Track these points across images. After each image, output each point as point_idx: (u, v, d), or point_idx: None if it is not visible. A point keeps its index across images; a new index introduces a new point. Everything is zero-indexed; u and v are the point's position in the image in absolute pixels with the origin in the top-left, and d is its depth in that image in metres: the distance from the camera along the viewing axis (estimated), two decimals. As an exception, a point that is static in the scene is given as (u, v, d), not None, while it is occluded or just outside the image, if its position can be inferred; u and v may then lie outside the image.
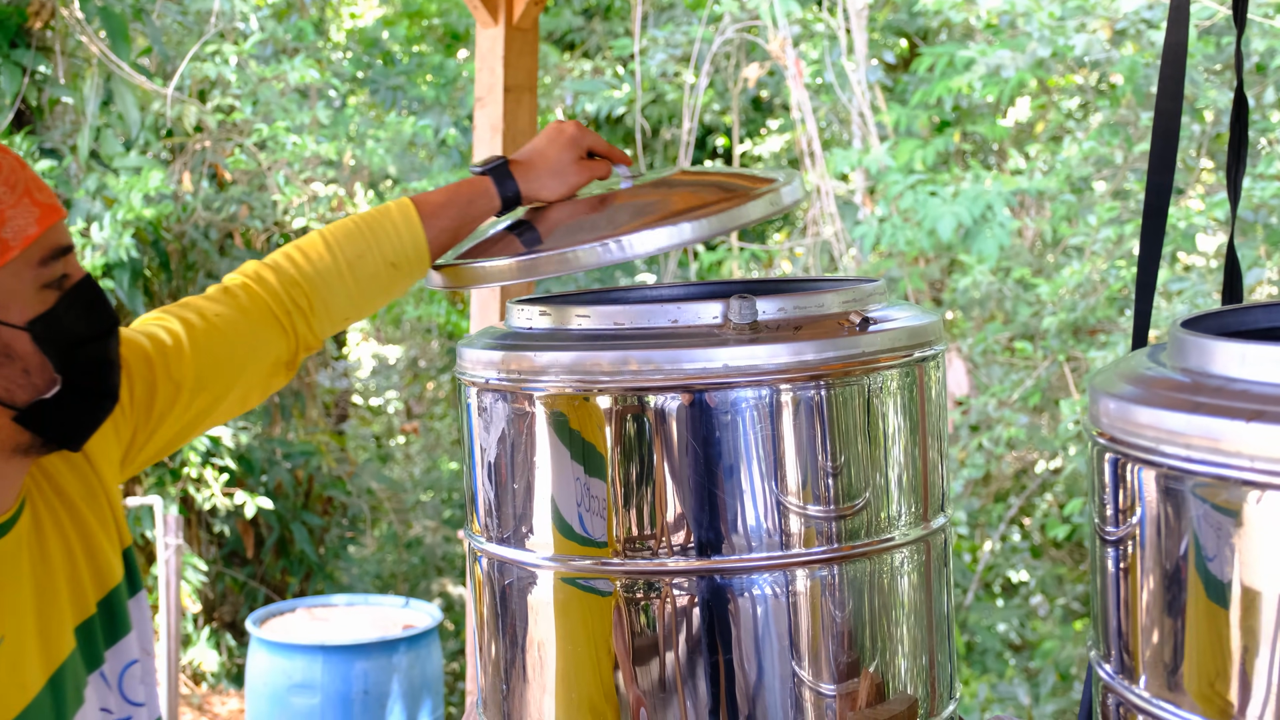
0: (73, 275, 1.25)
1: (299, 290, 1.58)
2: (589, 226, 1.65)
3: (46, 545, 1.33)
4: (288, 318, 1.57)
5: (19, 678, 1.27)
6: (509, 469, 1.66)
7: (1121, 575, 1.20)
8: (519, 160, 1.70)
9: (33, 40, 5.56)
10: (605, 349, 1.57)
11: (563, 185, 1.69)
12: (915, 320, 1.66)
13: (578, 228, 1.66)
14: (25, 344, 1.21)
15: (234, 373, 1.54)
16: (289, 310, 1.57)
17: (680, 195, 1.71)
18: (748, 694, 1.59)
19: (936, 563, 1.71)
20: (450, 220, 1.64)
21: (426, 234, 1.63)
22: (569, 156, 1.69)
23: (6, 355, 1.20)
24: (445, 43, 9.19)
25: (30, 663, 1.28)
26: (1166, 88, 2.02)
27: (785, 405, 1.56)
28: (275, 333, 1.57)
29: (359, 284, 1.61)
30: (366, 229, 1.62)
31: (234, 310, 1.54)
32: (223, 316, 1.53)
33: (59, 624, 1.33)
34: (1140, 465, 1.15)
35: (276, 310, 1.57)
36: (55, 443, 1.28)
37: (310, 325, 1.59)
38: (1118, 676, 1.21)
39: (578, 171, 1.70)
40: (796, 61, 6.47)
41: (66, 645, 1.33)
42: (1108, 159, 5.78)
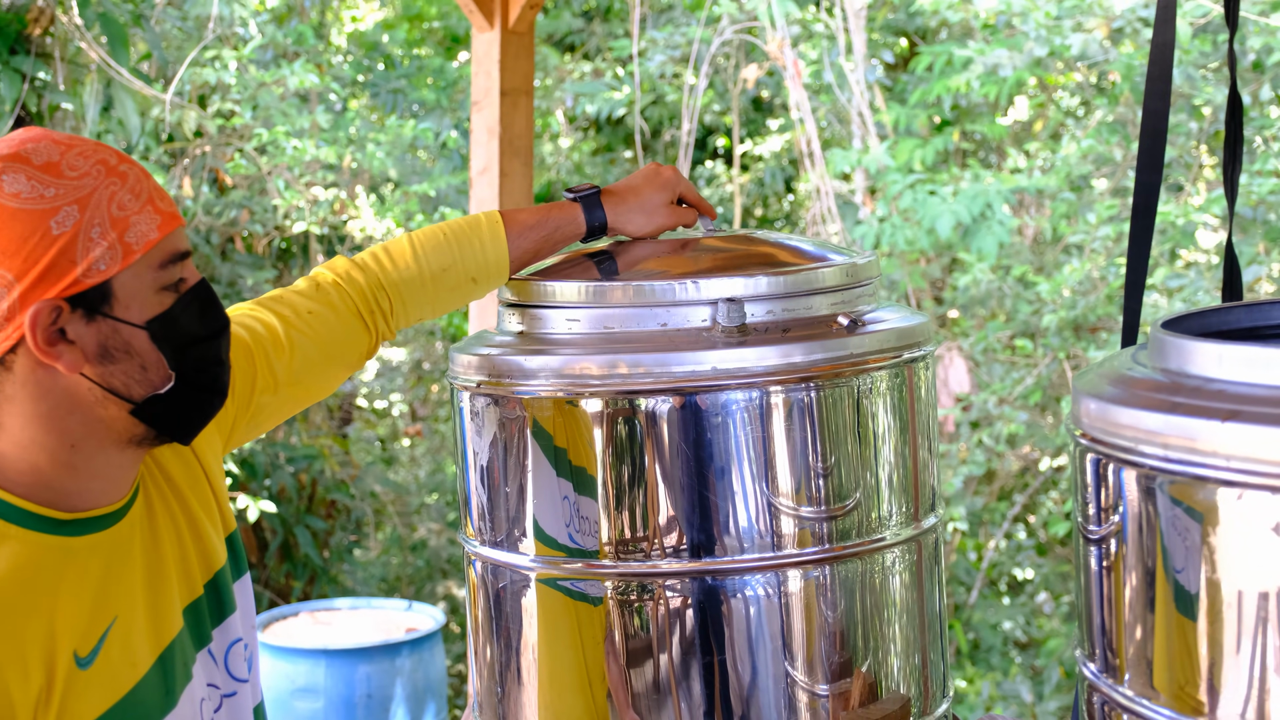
0: (189, 279, 1.33)
1: (383, 294, 1.66)
2: (666, 264, 1.66)
3: (158, 530, 1.41)
4: (371, 317, 1.66)
5: (130, 656, 1.34)
6: (501, 473, 1.67)
7: (1104, 574, 1.21)
8: (612, 191, 1.76)
9: (32, 46, 5.58)
10: (594, 353, 1.58)
11: (649, 223, 1.75)
12: (904, 321, 1.67)
13: (654, 263, 1.67)
14: (143, 342, 1.29)
15: (324, 365, 1.63)
16: (373, 310, 1.66)
17: (761, 250, 1.72)
18: (741, 695, 1.60)
19: (928, 562, 1.71)
20: (535, 241, 1.70)
21: (510, 252, 1.69)
22: (661, 198, 1.75)
23: (125, 352, 1.28)
24: (445, 46, 9.20)
25: (140, 642, 1.35)
26: (1154, 88, 2.04)
27: (775, 407, 1.57)
28: (360, 329, 1.66)
29: (439, 293, 1.69)
30: (455, 242, 1.69)
31: (325, 306, 1.63)
32: (315, 313, 1.62)
33: (168, 605, 1.40)
34: (1120, 465, 1.16)
35: (362, 309, 1.65)
36: (168, 435, 1.35)
37: (389, 325, 1.68)
38: (1102, 675, 1.22)
39: (666, 214, 1.76)
40: (795, 62, 6.47)
41: (175, 625, 1.41)
42: (1107, 157, 5.78)
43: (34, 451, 1.28)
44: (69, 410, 1.28)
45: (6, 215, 1.23)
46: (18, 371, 1.26)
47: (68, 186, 1.25)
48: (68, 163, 1.26)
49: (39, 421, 1.28)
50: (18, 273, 1.23)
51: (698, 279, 1.59)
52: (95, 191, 1.26)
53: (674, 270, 1.63)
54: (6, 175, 1.24)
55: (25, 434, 1.28)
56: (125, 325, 1.28)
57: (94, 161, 1.27)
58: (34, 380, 1.26)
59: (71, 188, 1.25)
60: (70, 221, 1.24)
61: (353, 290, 1.65)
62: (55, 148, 1.27)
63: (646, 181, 1.77)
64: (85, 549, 1.31)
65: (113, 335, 1.27)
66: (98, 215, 1.25)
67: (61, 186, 1.25)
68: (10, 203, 1.23)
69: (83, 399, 1.28)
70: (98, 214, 1.26)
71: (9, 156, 1.25)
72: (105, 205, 1.26)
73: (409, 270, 1.67)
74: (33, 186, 1.24)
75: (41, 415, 1.27)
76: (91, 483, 1.32)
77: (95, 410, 1.29)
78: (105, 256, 1.26)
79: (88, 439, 1.30)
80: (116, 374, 1.28)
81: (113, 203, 1.27)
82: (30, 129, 1.31)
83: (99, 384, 1.28)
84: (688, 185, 1.79)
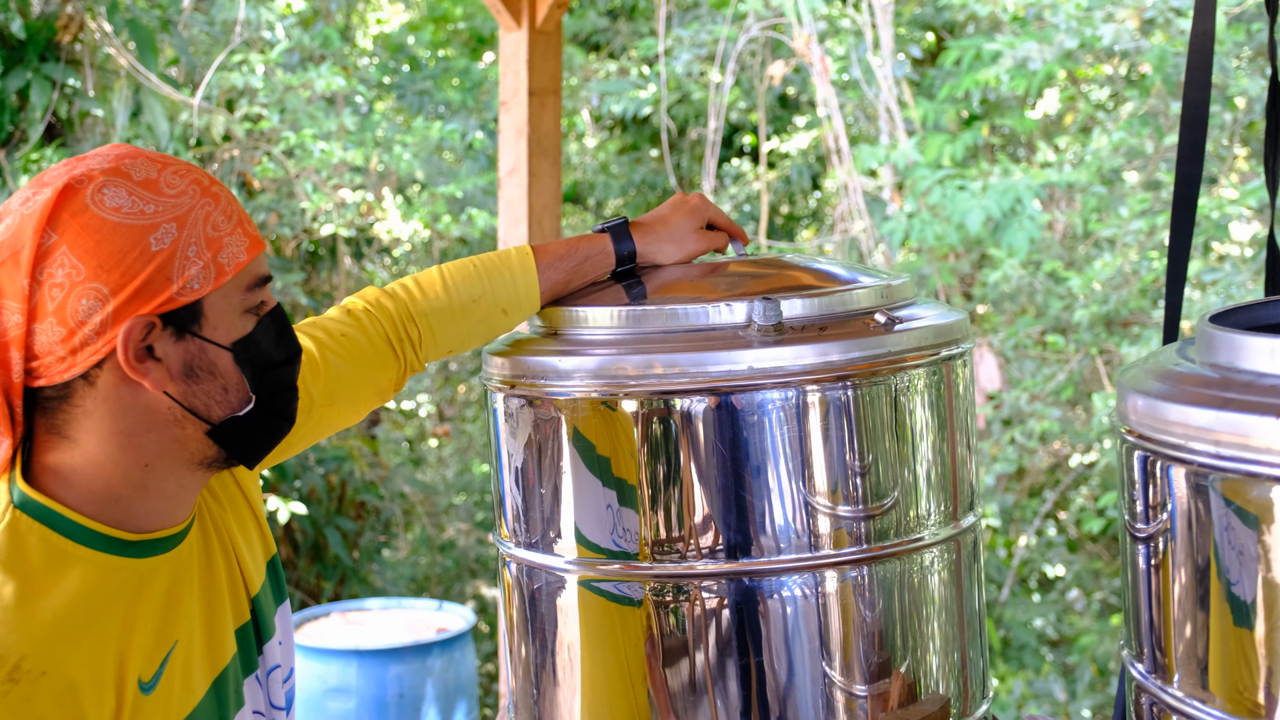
0: (268, 303, 1.34)
1: (412, 323, 1.67)
2: (699, 288, 1.65)
3: (211, 552, 1.41)
4: (400, 345, 1.66)
5: (188, 681, 1.34)
6: (536, 474, 1.66)
7: (1152, 573, 1.19)
8: (640, 222, 1.76)
9: (62, 54, 5.61)
10: (630, 353, 1.57)
11: (679, 251, 1.75)
12: (942, 318, 1.65)
13: (684, 288, 1.66)
14: (228, 363, 1.29)
15: (356, 387, 1.63)
16: (402, 339, 1.66)
17: (792, 273, 1.70)
18: (778, 695, 1.58)
19: (967, 560, 1.69)
20: (564, 273, 1.70)
21: (541, 283, 1.69)
22: (690, 224, 1.76)
23: (210, 372, 1.28)
24: (471, 46, 9.21)
25: (198, 666, 1.35)
26: (1194, 77, 2.01)
27: (812, 406, 1.55)
28: (389, 357, 1.66)
29: (470, 324, 1.69)
30: (485, 274, 1.69)
31: (357, 330, 1.64)
32: (348, 337, 1.62)
33: (223, 628, 1.40)
34: (1169, 462, 1.14)
35: (391, 336, 1.66)
36: (236, 459, 1.35)
37: (418, 354, 1.68)
38: (1150, 676, 1.20)
39: (696, 240, 1.76)
40: (822, 58, 6.45)
41: (229, 649, 1.41)
42: (1138, 150, 5.73)
43: (108, 469, 1.27)
44: (147, 429, 1.28)
45: (108, 229, 1.22)
46: (100, 387, 1.25)
47: (166, 204, 1.25)
48: (165, 180, 1.26)
49: (116, 439, 1.27)
50: (114, 287, 1.22)
51: (731, 303, 1.58)
52: (192, 210, 1.26)
53: (706, 297, 1.61)
54: (108, 189, 1.24)
55: (101, 451, 1.27)
56: (212, 345, 1.28)
57: (189, 180, 1.28)
58: (116, 396, 1.26)
59: (170, 205, 1.25)
60: (169, 239, 1.24)
61: (383, 317, 1.65)
62: (152, 165, 1.27)
63: (674, 210, 1.77)
64: (149, 571, 1.30)
65: (199, 355, 1.28)
66: (194, 234, 1.26)
67: (160, 203, 1.25)
68: (112, 217, 1.23)
69: (161, 417, 1.28)
70: (194, 233, 1.26)
71: (110, 171, 1.25)
72: (201, 225, 1.26)
73: (439, 300, 1.67)
74: (133, 202, 1.24)
75: (120, 432, 1.27)
76: (160, 503, 1.32)
77: (172, 430, 1.29)
78: (199, 276, 1.26)
79: (161, 458, 1.29)
80: (199, 394, 1.29)
81: (208, 223, 1.27)
82: (119, 145, 1.31)
83: (180, 403, 1.28)
84: (716, 210, 1.79)
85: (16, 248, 1.22)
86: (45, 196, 1.23)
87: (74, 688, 1.19)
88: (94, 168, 1.25)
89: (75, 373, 1.24)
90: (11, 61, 5.50)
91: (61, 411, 1.26)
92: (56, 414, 1.26)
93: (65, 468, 1.27)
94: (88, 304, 1.22)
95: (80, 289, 1.22)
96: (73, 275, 1.22)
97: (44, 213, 1.22)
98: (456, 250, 7.78)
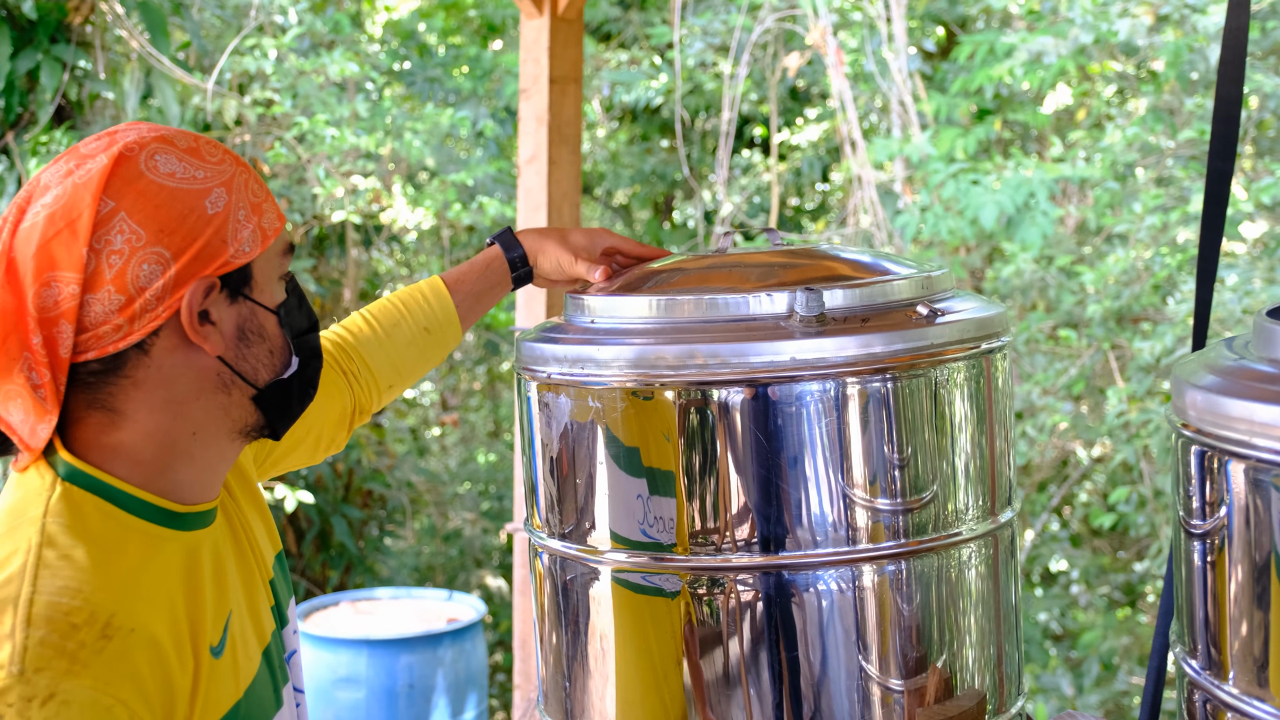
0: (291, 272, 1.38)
1: (345, 355, 1.74)
2: (734, 278, 1.63)
3: (237, 534, 1.43)
4: (345, 376, 1.74)
5: (247, 649, 1.36)
6: (571, 464, 1.65)
7: (1208, 569, 1.17)
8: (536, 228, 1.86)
9: (73, 35, 5.58)
10: (670, 343, 1.55)
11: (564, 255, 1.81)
12: (983, 311, 1.64)
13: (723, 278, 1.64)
14: (274, 326, 1.32)
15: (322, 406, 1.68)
16: (344, 371, 1.74)
17: (827, 263, 1.69)
18: (814, 689, 1.57)
19: (1004, 556, 1.68)
20: (471, 284, 1.81)
21: (453, 299, 1.79)
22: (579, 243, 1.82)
23: (259, 335, 1.31)
24: (481, 34, 9.18)
25: (250, 637, 1.37)
26: (1227, 73, 1.99)
27: (851, 398, 1.53)
28: (342, 382, 1.73)
29: (397, 349, 1.77)
30: (399, 302, 1.80)
31: None
32: None
33: (262, 604, 1.43)
34: (1229, 458, 1.12)
35: (339, 364, 1.74)
36: (270, 427, 1.36)
37: (363, 386, 1.75)
38: (1205, 673, 1.19)
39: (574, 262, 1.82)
40: (837, 50, 6.43)
41: (270, 623, 1.44)
42: (1153, 145, 5.72)
43: (156, 438, 1.27)
44: (196, 395, 1.28)
45: (166, 194, 1.23)
46: (155, 355, 1.25)
47: (213, 170, 1.27)
48: (204, 149, 1.28)
49: (167, 407, 1.27)
50: (176, 250, 1.23)
51: (771, 293, 1.56)
52: (235, 177, 1.28)
53: (744, 287, 1.60)
54: (160, 155, 1.24)
55: (151, 420, 1.26)
56: (261, 308, 1.30)
57: (223, 151, 1.30)
58: (170, 363, 1.26)
59: (216, 172, 1.27)
60: (221, 203, 1.26)
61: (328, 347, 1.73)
62: (187, 136, 1.29)
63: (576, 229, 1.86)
64: (195, 544, 1.31)
65: (250, 318, 1.30)
66: (241, 199, 1.28)
67: (207, 169, 1.26)
68: (168, 182, 1.24)
69: (210, 383, 1.28)
70: (241, 198, 1.28)
71: (156, 139, 1.26)
72: (244, 191, 1.29)
73: (362, 332, 1.76)
74: (185, 168, 1.25)
75: (171, 400, 1.27)
76: (203, 474, 1.32)
77: (219, 396, 1.30)
78: (250, 239, 1.28)
79: (207, 426, 1.30)
80: (249, 357, 1.30)
81: (249, 189, 1.30)
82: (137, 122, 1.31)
83: (232, 367, 1.29)
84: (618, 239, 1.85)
85: (72, 216, 1.20)
86: (100, 164, 1.22)
87: (159, 645, 1.19)
88: (142, 136, 1.25)
89: (131, 341, 1.23)
90: (22, 43, 5.48)
91: (108, 385, 1.24)
92: (101, 389, 1.24)
93: (111, 442, 1.26)
94: (149, 269, 1.21)
95: (141, 254, 1.21)
96: (132, 241, 1.21)
97: (100, 180, 1.21)
98: (464, 239, 7.76)
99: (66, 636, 1.12)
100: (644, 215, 9.32)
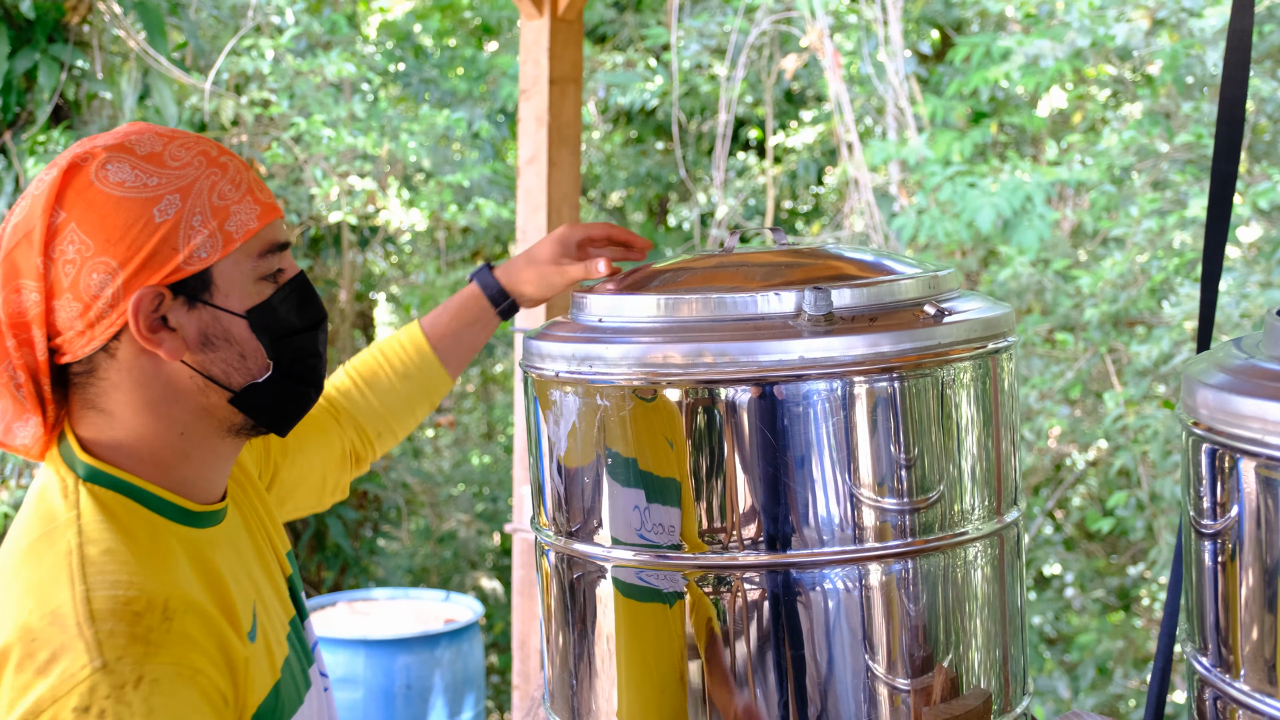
0: (288, 271, 1.36)
1: (333, 408, 1.78)
2: (740, 277, 1.63)
3: (252, 530, 1.46)
4: (336, 422, 1.78)
5: (276, 634, 1.39)
6: (578, 463, 1.65)
7: (1219, 569, 1.18)
8: (508, 260, 1.85)
9: (70, 35, 5.58)
10: (678, 341, 1.55)
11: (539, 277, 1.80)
12: (989, 311, 1.64)
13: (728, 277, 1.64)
14: (243, 330, 1.31)
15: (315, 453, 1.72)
16: (335, 417, 1.78)
17: (833, 263, 1.69)
18: (820, 688, 1.57)
19: (1010, 556, 1.68)
20: (447, 325, 1.81)
21: (429, 341, 1.80)
22: (548, 252, 1.80)
23: (225, 340, 1.30)
24: (477, 36, 9.18)
25: (276, 625, 1.40)
26: (1232, 75, 2.00)
27: (859, 398, 1.54)
28: (334, 425, 1.76)
29: (378, 397, 1.79)
30: (378, 351, 1.82)
31: None
32: None
33: (281, 592, 1.46)
34: (1240, 456, 1.13)
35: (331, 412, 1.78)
36: (264, 426, 1.38)
37: (354, 437, 1.78)
38: (1215, 670, 1.19)
39: (556, 269, 1.80)
40: (834, 52, 6.43)
41: (290, 610, 1.47)
42: (1149, 149, 5.73)
43: (148, 438, 1.30)
44: (174, 398, 1.30)
45: (111, 204, 1.25)
46: (121, 359, 1.28)
47: (170, 176, 1.27)
48: (170, 153, 1.29)
49: (147, 409, 1.30)
50: (121, 259, 1.25)
51: (779, 292, 1.57)
52: (197, 181, 1.28)
53: (750, 286, 1.60)
54: (111, 165, 1.26)
55: (138, 421, 1.30)
56: (225, 313, 1.30)
57: (196, 152, 1.30)
58: (139, 367, 1.28)
59: (174, 177, 1.27)
60: (172, 210, 1.26)
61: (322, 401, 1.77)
62: (159, 139, 1.30)
63: (540, 241, 1.84)
64: (210, 541, 1.34)
65: (213, 323, 1.30)
66: (199, 204, 1.28)
67: (164, 176, 1.27)
68: (115, 191, 1.25)
69: (184, 387, 1.30)
70: (199, 203, 1.28)
71: (114, 147, 1.28)
72: (206, 195, 1.28)
73: (344, 385, 1.79)
74: (136, 176, 1.26)
75: (149, 402, 1.30)
76: (203, 471, 1.34)
77: (197, 398, 1.31)
78: (206, 244, 1.28)
79: (194, 426, 1.32)
80: (216, 362, 1.31)
81: (213, 192, 1.29)
82: (136, 123, 1.34)
83: (199, 371, 1.30)
84: (594, 227, 1.82)
85: (29, 228, 1.25)
86: (52, 176, 1.26)
87: (213, 620, 1.23)
88: (100, 145, 1.28)
89: (95, 346, 1.27)
90: (19, 42, 5.47)
91: (92, 386, 1.29)
92: (88, 389, 1.29)
93: (111, 441, 1.29)
94: (99, 278, 1.24)
95: (91, 263, 1.24)
96: (83, 251, 1.24)
97: (51, 192, 1.25)
98: (459, 240, 7.76)
99: (134, 624, 1.15)
100: (638, 218, 9.33)
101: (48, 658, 1.13)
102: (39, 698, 1.11)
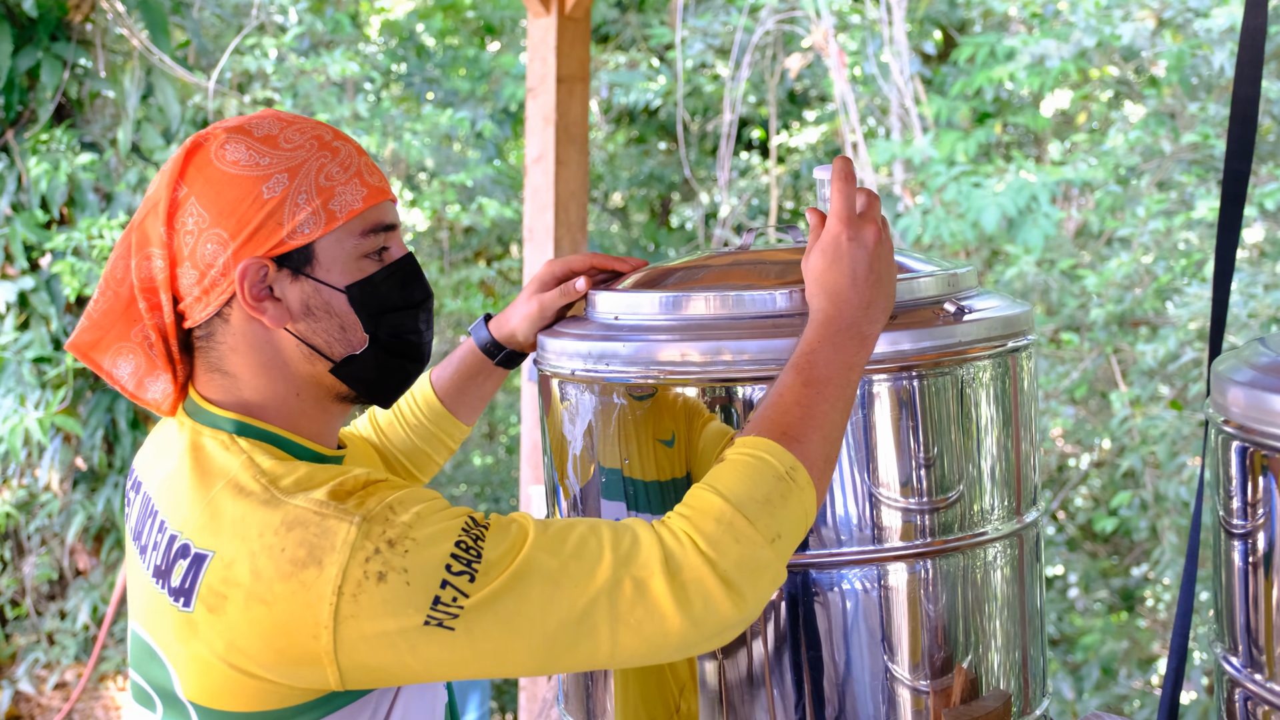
0: (394, 250, 1.43)
1: None
2: (755, 275, 1.62)
3: None
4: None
5: None
6: (594, 460, 1.63)
7: (1250, 569, 1.16)
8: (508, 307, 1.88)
9: (73, 34, 5.56)
10: (695, 339, 1.54)
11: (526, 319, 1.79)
12: (1008, 309, 1.63)
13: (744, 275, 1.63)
14: (342, 304, 1.39)
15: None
16: None
17: None
18: (838, 689, 1.56)
19: (1029, 556, 1.67)
20: (452, 379, 1.84)
21: (437, 394, 1.84)
22: (530, 290, 1.81)
23: (326, 311, 1.39)
24: (479, 35, 9.17)
25: None
26: (1245, 73, 1.99)
27: (878, 396, 1.52)
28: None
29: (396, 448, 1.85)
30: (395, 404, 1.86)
31: None
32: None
33: None
34: (1273, 454, 1.11)
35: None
36: (366, 398, 1.46)
37: None
38: (1246, 670, 1.18)
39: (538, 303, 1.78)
40: (839, 52, 6.42)
41: None
42: (1155, 149, 5.71)
43: (271, 397, 1.39)
44: (284, 363, 1.40)
45: (226, 180, 1.35)
46: (234, 324, 1.38)
47: (281, 157, 1.37)
48: (285, 136, 1.39)
49: (263, 371, 1.39)
50: (232, 231, 1.34)
51: (796, 290, 1.55)
52: (306, 163, 1.37)
53: (767, 284, 1.58)
54: (229, 145, 1.36)
55: (258, 381, 1.39)
56: (326, 286, 1.38)
57: (310, 136, 1.39)
58: (250, 332, 1.38)
59: (284, 158, 1.37)
60: (280, 188, 1.35)
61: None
62: (277, 123, 1.40)
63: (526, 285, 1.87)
64: None
65: (314, 295, 1.38)
66: (305, 183, 1.36)
67: (275, 156, 1.36)
68: (230, 169, 1.35)
69: (291, 354, 1.39)
70: (305, 182, 1.36)
71: (234, 129, 1.38)
72: (314, 175, 1.37)
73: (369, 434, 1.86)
74: (250, 155, 1.36)
75: (263, 365, 1.39)
76: (319, 427, 1.43)
77: (304, 365, 1.40)
78: (309, 221, 1.36)
79: (305, 390, 1.41)
80: (318, 331, 1.39)
81: (321, 173, 1.38)
82: (264, 110, 1.44)
83: (303, 340, 1.39)
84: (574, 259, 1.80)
85: (156, 200, 1.37)
86: (179, 153, 1.37)
87: None
88: (224, 126, 1.39)
89: (210, 311, 1.37)
90: (22, 40, 5.45)
91: (213, 350, 1.39)
92: (210, 352, 1.39)
93: (239, 401, 1.39)
94: (212, 248, 1.35)
95: (206, 234, 1.35)
96: (200, 223, 1.35)
97: (176, 168, 1.37)
98: (462, 240, 7.75)
99: (351, 490, 1.27)
100: (641, 218, 9.31)
101: (306, 555, 1.22)
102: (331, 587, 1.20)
